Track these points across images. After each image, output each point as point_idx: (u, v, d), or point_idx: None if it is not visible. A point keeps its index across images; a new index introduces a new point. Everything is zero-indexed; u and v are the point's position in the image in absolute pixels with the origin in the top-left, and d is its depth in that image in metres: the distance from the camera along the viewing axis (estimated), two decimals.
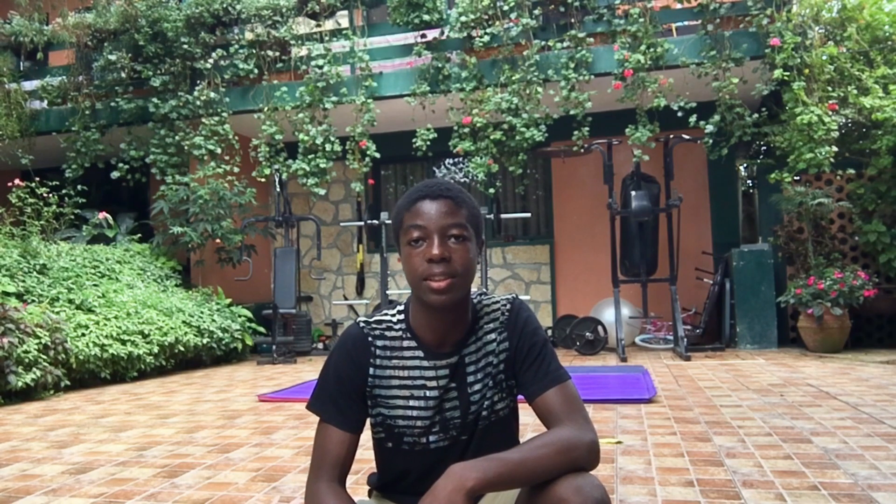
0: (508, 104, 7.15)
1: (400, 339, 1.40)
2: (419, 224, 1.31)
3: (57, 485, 2.66)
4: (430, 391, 1.38)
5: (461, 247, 1.32)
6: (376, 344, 1.40)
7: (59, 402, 4.80)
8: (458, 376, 1.39)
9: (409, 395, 1.39)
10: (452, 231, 1.31)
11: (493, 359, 1.41)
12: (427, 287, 1.30)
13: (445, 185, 1.36)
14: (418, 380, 1.39)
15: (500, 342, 1.41)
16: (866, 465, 2.58)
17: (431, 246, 1.30)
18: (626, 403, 4.04)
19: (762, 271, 6.95)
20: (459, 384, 1.39)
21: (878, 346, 6.89)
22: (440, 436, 1.40)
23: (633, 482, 2.46)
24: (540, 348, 1.39)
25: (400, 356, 1.39)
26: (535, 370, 1.37)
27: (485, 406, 1.40)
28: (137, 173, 8.17)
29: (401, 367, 1.39)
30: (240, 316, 7.41)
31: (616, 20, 7.15)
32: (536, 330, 1.41)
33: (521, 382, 1.40)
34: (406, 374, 1.39)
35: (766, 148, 7.62)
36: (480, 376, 1.40)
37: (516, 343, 1.40)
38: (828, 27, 6.86)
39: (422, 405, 1.39)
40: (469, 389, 1.39)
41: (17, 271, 5.84)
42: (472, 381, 1.39)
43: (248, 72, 7.91)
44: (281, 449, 3.16)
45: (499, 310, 1.42)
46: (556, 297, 8.74)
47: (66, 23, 8.23)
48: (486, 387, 1.40)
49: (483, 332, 1.41)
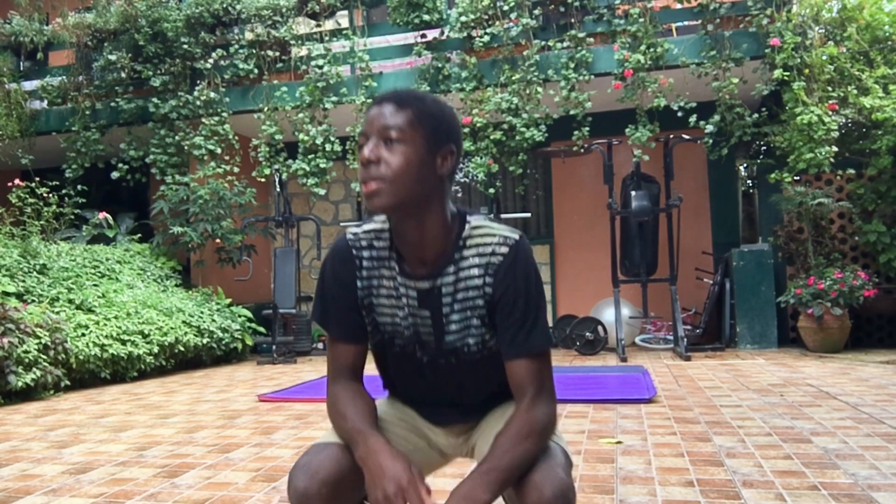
0: (508, 104, 7.15)
1: (386, 248, 1.37)
2: (364, 130, 1.28)
3: (57, 485, 2.66)
4: (406, 308, 1.36)
5: (393, 150, 1.24)
6: (362, 255, 1.38)
7: (59, 402, 4.80)
8: (431, 304, 1.34)
9: (393, 304, 1.37)
10: (389, 133, 1.24)
11: (475, 295, 1.33)
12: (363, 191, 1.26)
13: (401, 93, 1.29)
14: (395, 295, 1.37)
15: (485, 285, 1.32)
16: (866, 465, 2.58)
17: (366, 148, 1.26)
18: (626, 403, 4.04)
19: (762, 271, 6.95)
20: (434, 312, 1.35)
21: (878, 346, 6.89)
22: (423, 351, 1.39)
23: (633, 482, 2.46)
24: (524, 310, 1.30)
25: (387, 265, 1.37)
26: (515, 333, 1.30)
27: (470, 342, 1.35)
28: (137, 173, 8.17)
29: (388, 276, 1.37)
30: (240, 316, 7.41)
31: (616, 20, 7.15)
32: (529, 287, 1.31)
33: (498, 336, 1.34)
34: (391, 285, 1.37)
35: (766, 148, 7.61)
36: (458, 308, 1.34)
37: (500, 296, 1.31)
38: (828, 27, 6.86)
39: (402, 317, 1.37)
40: (445, 320, 1.35)
41: (17, 271, 5.84)
42: (448, 312, 1.34)
43: (248, 72, 7.91)
44: (281, 449, 3.16)
45: (492, 250, 1.31)
46: (556, 297, 8.74)
47: (66, 23, 8.23)
48: (469, 323, 1.34)
49: (466, 264, 1.32)
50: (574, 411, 3.85)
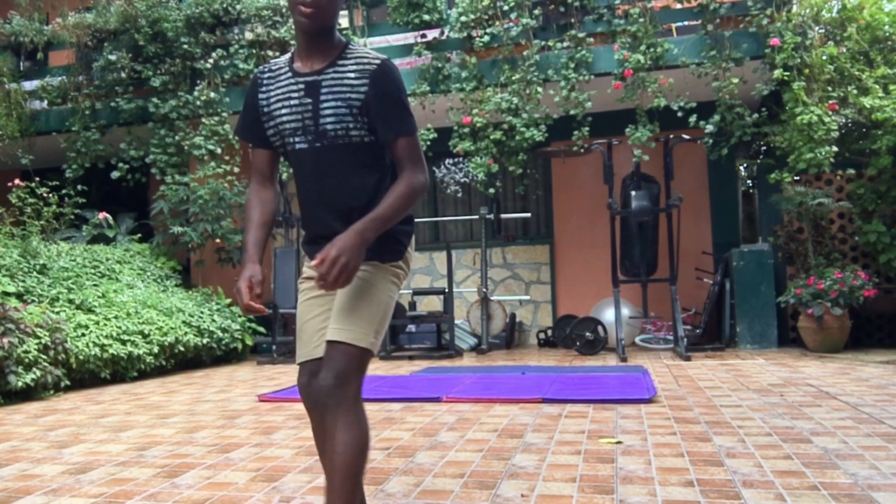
0: (508, 104, 7.15)
1: (280, 69, 1.84)
2: None
3: (57, 485, 2.66)
4: (293, 101, 1.79)
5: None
6: (264, 76, 1.87)
7: (59, 402, 4.80)
8: (313, 92, 1.76)
9: (281, 105, 1.81)
10: None
11: (348, 91, 1.74)
12: (298, 10, 1.68)
13: None
14: (286, 93, 1.80)
15: (360, 84, 1.73)
16: (866, 465, 2.58)
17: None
18: (626, 403, 4.04)
19: (762, 271, 6.95)
20: (314, 99, 1.76)
21: (878, 346, 6.89)
22: (301, 138, 1.79)
23: (633, 482, 2.46)
24: (394, 103, 1.74)
25: (277, 80, 1.83)
26: (387, 120, 1.74)
27: (339, 126, 1.75)
28: (137, 173, 8.17)
29: (277, 86, 1.82)
30: (240, 316, 7.41)
31: (616, 20, 7.15)
32: (396, 89, 1.75)
33: (375, 126, 1.75)
34: (281, 91, 1.81)
35: (766, 148, 7.62)
36: (331, 98, 1.74)
37: (374, 92, 1.73)
38: (828, 27, 6.86)
39: (289, 111, 1.79)
40: (321, 104, 1.76)
41: (17, 271, 5.83)
42: (324, 99, 1.75)
43: (248, 72, 7.91)
44: (281, 449, 3.16)
45: (369, 61, 1.75)
46: (556, 297, 8.74)
47: (66, 23, 8.23)
48: (340, 110, 1.74)
49: (345, 68, 1.75)
50: (574, 411, 3.85)
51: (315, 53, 1.77)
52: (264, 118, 1.84)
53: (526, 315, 8.81)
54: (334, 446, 1.67)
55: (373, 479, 2.60)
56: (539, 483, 2.49)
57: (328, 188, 1.81)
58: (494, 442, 3.15)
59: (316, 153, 1.78)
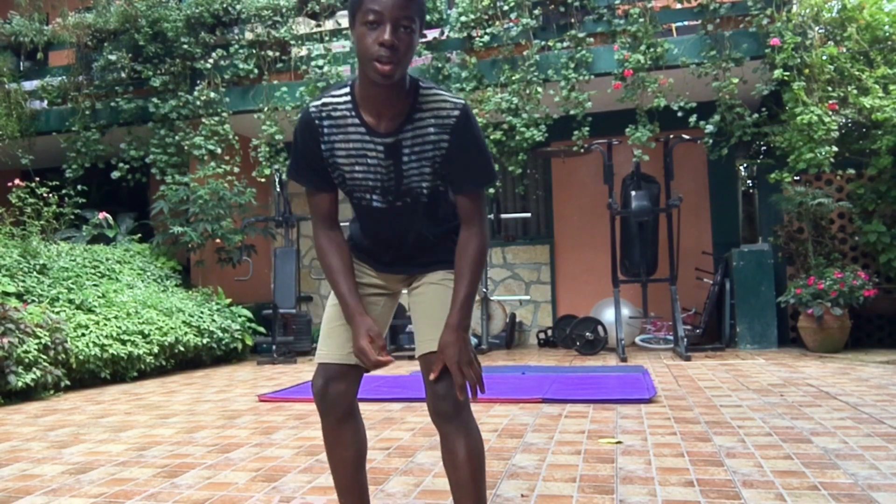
0: (508, 104, 7.15)
1: (344, 117, 1.65)
2: (376, 10, 1.50)
3: (57, 485, 2.66)
4: (370, 160, 1.66)
5: (408, 37, 1.52)
6: (323, 124, 1.66)
7: (59, 402, 4.80)
8: (393, 154, 1.64)
9: (354, 162, 1.67)
10: (403, 22, 1.51)
11: (430, 148, 1.64)
12: (374, 67, 1.51)
13: None
14: (361, 150, 1.66)
15: (441, 140, 1.63)
16: (866, 465, 2.58)
17: (384, 32, 1.50)
18: (626, 403, 4.04)
19: (762, 271, 6.95)
20: (395, 162, 1.65)
21: (878, 346, 6.89)
22: (380, 198, 1.70)
23: (633, 482, 2.46)
24: (476, 153, 1.66)
25: (345, 132, 1.66)
26: (468, 171, 1.66)
27: (424, 185, 1.67)
28: (137, 173, 8.17)
29: (346, 140, 1.66)
30: (240, 316, 7.41)
31: (616, 20, 7.15)
32: (477, 139, 1.65)
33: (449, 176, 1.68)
34: (351, 147, 1.66)
35: (766, 148, 7.62)
36: (415, 158, 1.64)
37: (455, 148, 1.63)
38: (828, 27, 6.86)
39: (365, 170, 1.67)
40: (403, 167, 1.65)
41: (17, 271, 5.83)
42: (406, 161, 1.65)
43: (248, 72, 7.91)
44: (281, 449, 3.16)
45: (447, 113, 1.62)
46: (556, 297, 8.74)
47: (66, 23, 8.23)
48: (422, 170, 1.66)
49: (423, 123, 1.62)
50: (574, 411, 3.85)
51: (386, 107, 1.61)
52: (329, 167, 1.70)
53: (526, 315, 8.81)
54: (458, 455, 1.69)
55: (373, 479, 2.59)
56: (539, 483, 2.49)
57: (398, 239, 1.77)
58: (494, 442, 3.15)
59: (395, 210, 1.71)
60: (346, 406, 1.77)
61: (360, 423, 1.83)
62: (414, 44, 1.55)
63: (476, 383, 1.65)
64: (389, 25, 1.49)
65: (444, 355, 1.64)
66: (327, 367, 1.77)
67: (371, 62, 1.51)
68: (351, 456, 1.80)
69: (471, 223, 1.69)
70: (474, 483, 1.70)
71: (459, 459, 1.69)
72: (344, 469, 1.81)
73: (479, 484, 1.71)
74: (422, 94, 1.62)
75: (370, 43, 1.51)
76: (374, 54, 1.50)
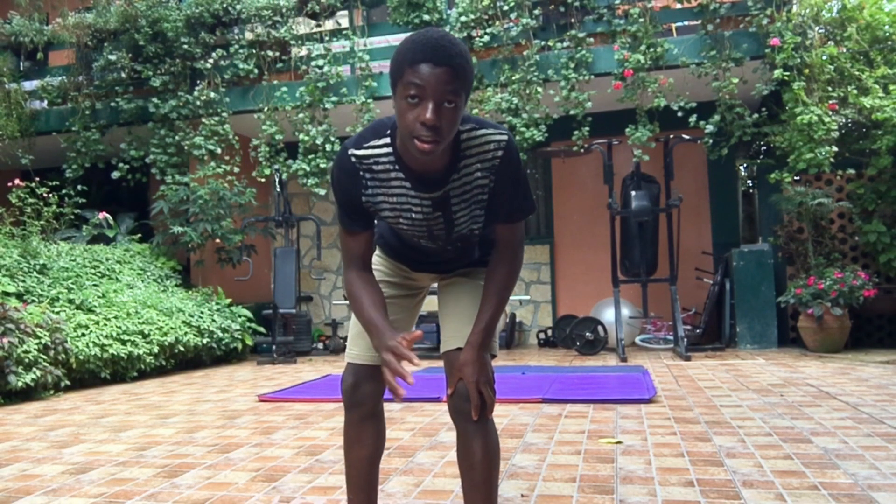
0: (508, 104, 7.15)
1: (387, 171, 1.57)
2: (419, 84, 1.39)
3: (57, 485, 2.66)
4: (415, 214, 1.61)
5: (452, 113, 1.42)
6: (365, 176, 1.59)
7: (59, 402, 4.80)
8: (443, 207, 1.60)
9: (398, 215, 1.62)
10: (448, 97, 1.40)
11: (478, 192, 1.59)
12: (414, 144, 1.43)
13: (450, 51, 1.41)
14: (406, 205, 1.60)
15: (488, 182, 1.58)
16: (866, 465, 2.58)
17: (426, 110, 1.39)
18: (626, 403, 4.04)
19: (762, 271, 6.95)
20: (444, 213, 1.61)
21: (878, 346, 6.89)
22: (428, 241, 1.69)
23: (633, 482, 2.46)
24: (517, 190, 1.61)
25: (387, 186, 1.58)
26: (509, 207, 1.62)
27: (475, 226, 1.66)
28: (137, 173, 8.17)
29: (389, 194, 1.59)
30: (240, 316, 7.40)
31: (616, 20, 7.15)
32: (520, 171, 1.60)
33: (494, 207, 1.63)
34: (395, 200, 1.60)
35: (766, 148, 7.62)
36: (464, 206, 1.60)
37: (500, 184, 1.59)
38: (828, 27, 6.86)
39: (410, 223, 1.64)
40: (453, 216, 1.62)
41: (17, 271, 5.83)
42: (455, 210, 1.61)
43: (248, 72, 7.91)
44: (281, 449, 3.16)
45: (489, 152, 1.55)
46: (556, 297, 8.74)
47: (66, 23, 8.23)
48: (473, 214, 1.63)
49: (470, 169, 1.56)
50: (574, 411, 3.85)
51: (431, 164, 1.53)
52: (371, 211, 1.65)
53: (526, 315, 8.81)
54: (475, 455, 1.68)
55: None
56: (539, 483, 2.49)
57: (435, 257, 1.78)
58: None
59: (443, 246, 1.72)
60: (372, 405, 1.79)
61: (381, 424, 1.84)
62: (457, 119, 1.44)
63: (490, 404, 1.66)
64: (432, 104, 1.39)
65: (462, 373, 1.65)
66: (357, 367, 1.78)
67: (412, 139, 1.42)
68: (368, 455, 1.81)
69: (506, 249, 1.68)
70: (488, 484, 1.69)
71: (476, 460, 1.68)
72: (359, 466, 1.82)
73: (492, 485, 1.71)
74: (464, 138, 1.53)
75: (411, 120, 1.41)
76: (416, 133, 1.41)
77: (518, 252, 1.69)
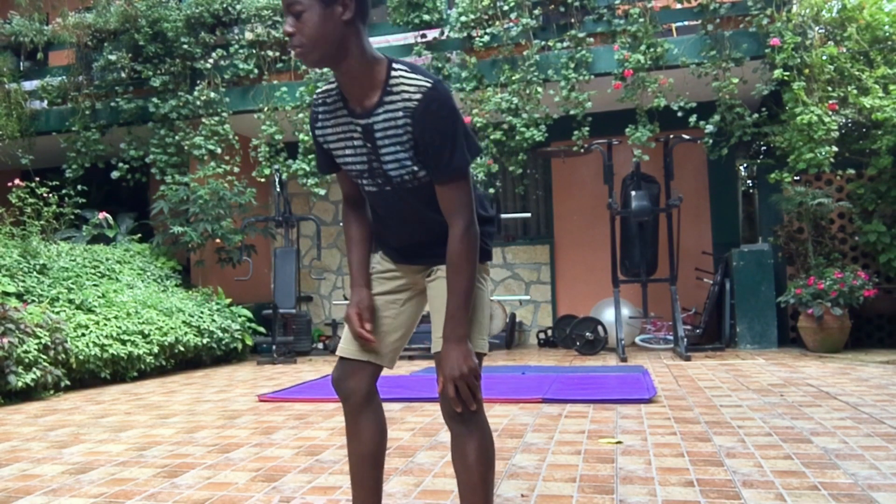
0: (508, 104, 7.15)
1: (335, 101, 1.67)
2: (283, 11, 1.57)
3: (57, 485, 2.66)
4: (355, 142, 1.67)
5: (301, 20, 1.52)
6: (318, 110, 1.71)
7: (59, 402, 4.80)
8: (369, 138, 1.63)
9: (343, 146, 1.69)
10: (294, 9, 1.52)
11: (401, 133, 1.59)
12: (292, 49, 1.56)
13: None
14: (348, 133, 1.67)
15: (406, 124, 1.58)
16: (866, 465, 2.58)
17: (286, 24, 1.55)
18: (626, 403, 4.04)
19: (762, 271, 6.95)
20: (372, 144, 1.63)
21: (878, 346, 6.89)
22: (370, 181, 1.70)
23: (633, 482, 2.46)
24: (439, 144, 1.57)
25: (334, 116, 1.68)
26: (434, 163, 1.59)
27: (404, 171, 1.63)
28: (137, 173, 8.17)
29: (334, 123, 1.69)
30: (240, 316, 7.40)
31: (616, 20, 7.15)
32: (442, 122, 1.56)
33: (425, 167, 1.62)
34: (339, 130, 1.68)
35: (766, 148, 7.61)
36: (388, 143, 1.61)
37: (419, 133, 1.57)
38: (828, 27, 6.86)
39: (353, 154, 1.69)
40: (381, 150, 1.63)
41: (17, 271, 5.83)
42: (381, 145, 1.62)
43: (248, 72, 7.91)
44: (281, 449, 3.16)
45: (410, 96, 1.56)
46: (556, 297, 8.74)
47: (66, 23, 8.23)
48: (398, 156, 1.62)
49: (393, 106, 1.58)
50: (574, 411, 3.85)
51: (355, 88, 1.60)
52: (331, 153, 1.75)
53: (526, 315, 8.81)
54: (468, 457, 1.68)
55: None
56: (539, 483, 2.49)
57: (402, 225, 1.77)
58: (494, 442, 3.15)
59: (385, 196, 1.70)
60: (360, 398, 1.80)
61: (380, 420, 1.84)
62: (313, 24, 1.52)
63: (467, 399, 1.62)
64: (288, 17, 1.54)
65: (440, 368, 1.65)
66: (343, 361, 1.82)
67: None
68: (365, 452, 1.82)
69: (450, 220, 1.63)
70: (483, 485, 1.69)
71: (470, 461, 1.68)
72: (360, 463, 1.82)
73: (487, 486, 1.70)
74: (392, 76, 1.58)
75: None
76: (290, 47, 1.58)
77: (466, 226, 1.61)
